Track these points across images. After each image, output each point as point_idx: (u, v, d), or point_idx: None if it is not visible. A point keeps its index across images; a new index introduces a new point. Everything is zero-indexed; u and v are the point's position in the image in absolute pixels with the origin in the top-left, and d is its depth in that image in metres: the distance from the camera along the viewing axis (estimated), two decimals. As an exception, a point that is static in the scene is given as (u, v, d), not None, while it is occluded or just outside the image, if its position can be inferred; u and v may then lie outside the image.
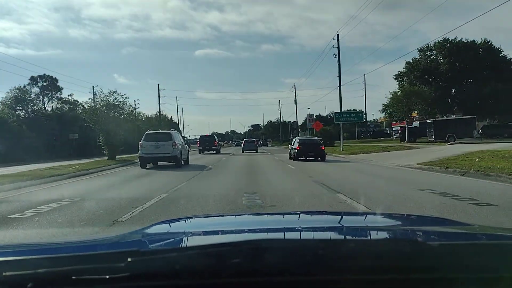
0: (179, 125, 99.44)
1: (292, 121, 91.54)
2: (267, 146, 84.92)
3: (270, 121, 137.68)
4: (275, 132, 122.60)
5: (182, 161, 20.94)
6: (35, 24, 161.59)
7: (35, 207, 8.03)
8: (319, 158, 24.20)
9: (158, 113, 74.10)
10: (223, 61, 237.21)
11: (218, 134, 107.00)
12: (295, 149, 25.08)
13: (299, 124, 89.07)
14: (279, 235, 1.55)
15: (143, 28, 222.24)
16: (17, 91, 52.09)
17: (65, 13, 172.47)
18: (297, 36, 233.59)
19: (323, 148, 25.02)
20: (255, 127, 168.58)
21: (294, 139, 28.70)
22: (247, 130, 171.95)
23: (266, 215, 2.71)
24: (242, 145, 47.21)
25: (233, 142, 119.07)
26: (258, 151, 44.87)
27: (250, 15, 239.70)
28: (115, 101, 26.67)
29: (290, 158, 26.09)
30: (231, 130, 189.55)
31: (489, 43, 49.11)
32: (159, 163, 20.37)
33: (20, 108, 50.94)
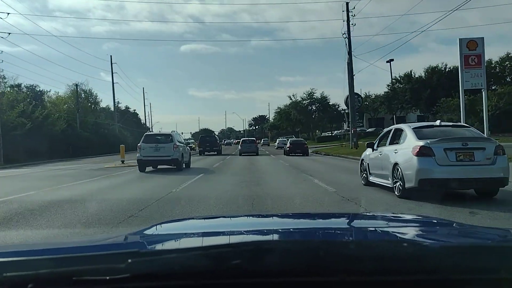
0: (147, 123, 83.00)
1: (347, 94, 37.57)
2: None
3: (294, 98, 73.89)
4: (300, 123, 73.12)
5: (184, 164, 19.94)
6: None
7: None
8: (304, 154, 33.04)
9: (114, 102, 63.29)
10: (211, 57, 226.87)
11: (212, 133, 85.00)
12: (287, 147, 35.06)
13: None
14: (279, 236, 1.54)
15: (120, 20, 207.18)
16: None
17: (30, 3, 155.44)
18: (287, 28, 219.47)
19: (306, 146, 34.79)
20: (258, 120, 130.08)
21: (287, 141, 38.94)
22: (247, 127, 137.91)
23: (266, 217, 2.71)
24: (239, 147, 38.16)
25: (223, 141, 77.56)
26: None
27: (233, 5, 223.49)
28: None
29: (284, 154, 35.13)
30: (227, 127, 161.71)
31: None
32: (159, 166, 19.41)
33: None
